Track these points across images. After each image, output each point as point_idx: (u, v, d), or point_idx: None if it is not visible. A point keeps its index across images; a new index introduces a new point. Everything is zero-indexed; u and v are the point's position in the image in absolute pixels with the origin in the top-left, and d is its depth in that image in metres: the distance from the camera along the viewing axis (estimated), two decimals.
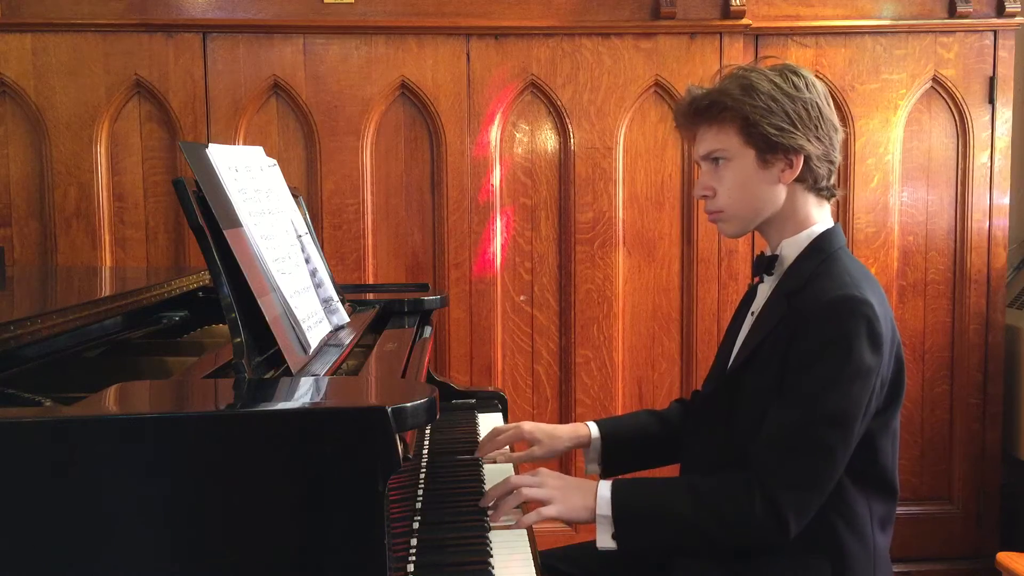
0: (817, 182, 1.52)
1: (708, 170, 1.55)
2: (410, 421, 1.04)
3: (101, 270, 2.63)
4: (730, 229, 1.58)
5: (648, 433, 1.78)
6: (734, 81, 1.51)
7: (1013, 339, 3.05)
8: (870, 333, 1.39)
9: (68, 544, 0.98)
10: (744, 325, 1.62)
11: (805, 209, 1.54)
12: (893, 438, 1.51)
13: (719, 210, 1.55)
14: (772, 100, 1.47)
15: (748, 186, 1.52)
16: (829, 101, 1.54)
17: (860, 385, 1.39)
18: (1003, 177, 2.99)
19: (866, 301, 1.40)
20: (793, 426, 1.39)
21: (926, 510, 3.08)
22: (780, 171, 1.50)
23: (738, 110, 1.48)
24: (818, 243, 1.52)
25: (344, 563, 1.02)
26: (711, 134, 1.53)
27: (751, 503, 1.37)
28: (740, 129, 1.49)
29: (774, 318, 1.49)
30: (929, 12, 2.93)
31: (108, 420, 1.02)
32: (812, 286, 1.47)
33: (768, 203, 1.53)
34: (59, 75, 2.70)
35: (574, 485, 1.49)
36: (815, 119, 1.49)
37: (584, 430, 1.77)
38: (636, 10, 2.82)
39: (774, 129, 1.47)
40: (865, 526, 1.48)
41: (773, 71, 1.52)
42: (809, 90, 1.51)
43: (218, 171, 1.36)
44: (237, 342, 1.21)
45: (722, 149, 1.52)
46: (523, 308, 2.87)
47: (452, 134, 2.80)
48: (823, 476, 1.40)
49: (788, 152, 1.49)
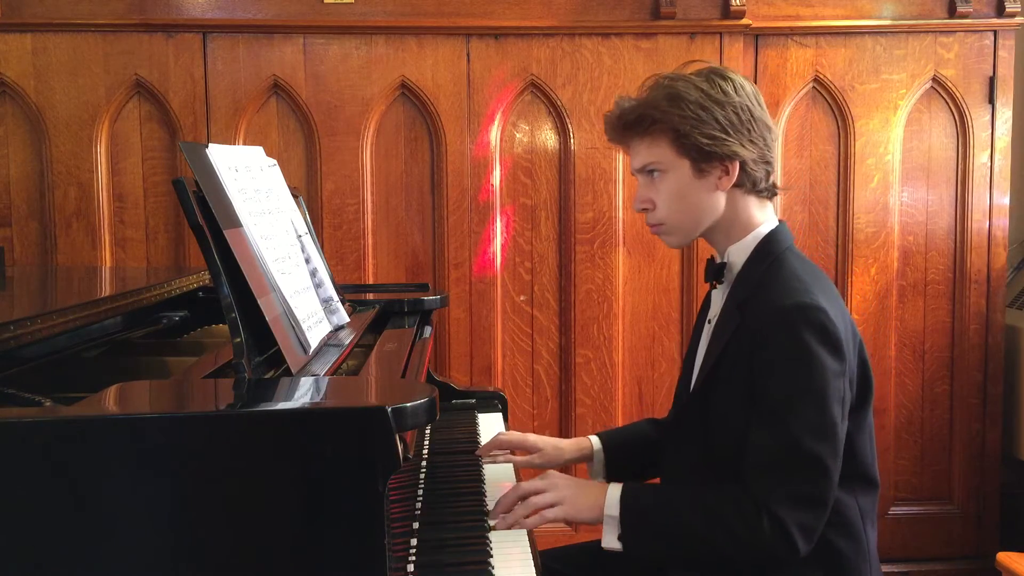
0: (756, 185, 1.51)
1: (645, 183, 1.54)
2: (410, 421, 1.04)
3: (101, 270, 2.63)
4: (673, 240, 1.57)
5: (650, 442, 1.78)
6: (660, 91, 1.49)
7: (1013, 339, 3.05)
8: (827, 338, 1.38)
9: (68, 544, 0.98)
10: (703, 334, 1.62)
11: (747, 212, 1.52)
12: (869, 433, 1.51)
13: (660, 223, 1.54)
14: (701, 109, 1.45)
15: (686, 196, 1.50)
16: (760, 101, 1.52)
17: (831, 391, 1.38)
18: (1003, 177, 2.99)
19: (817, 307, 1.39)
20: (780, 447, 1.37)
21: (926, 510, 3.07)
22: (717, 179, 1.49)
23: (667, 122, 1.47)
24: (764, 245, 1.51)
25: (344, 563, 1.02)
26: (644, 147, 1.52)
27: (760, 523, 1.36)
28: (672, 141, 1.48)
29: (729, 329, 1.48)
30: (929, 12, 2.93)
31: (108, 420, 1.02)
32: (762, 294, 1.45)
33: (708, 211, 1.51)
34: (59, 75, 2.70)
35: (583, 486, 1.49)
36: (747, 123, 1.47)
37: (587, 443, 1.77)
38: (636, 10, 2.82)
39: (706, 138, 1.45)
40: (855, 523, 1.48)
41: (699, 77, 1.49)
42: (738, 93, 1.48)
43: (218, 171, 1.36)
44: (237, 342, 1.21)
45: (656, 162, 1.50)
46: (523, 308, 2.87)
47: (452, 134, 2.80)
48: (822, 490, 1.38)
49: (723, 159, 1.47)
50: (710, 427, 1.49)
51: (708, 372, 1.49)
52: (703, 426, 1.51)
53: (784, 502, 1.36)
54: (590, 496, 1.46)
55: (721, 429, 1.47)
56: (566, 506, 1.45)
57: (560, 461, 1.76)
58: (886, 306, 2.99)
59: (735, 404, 1.44)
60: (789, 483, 1.37)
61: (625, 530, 1.42)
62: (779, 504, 1.36)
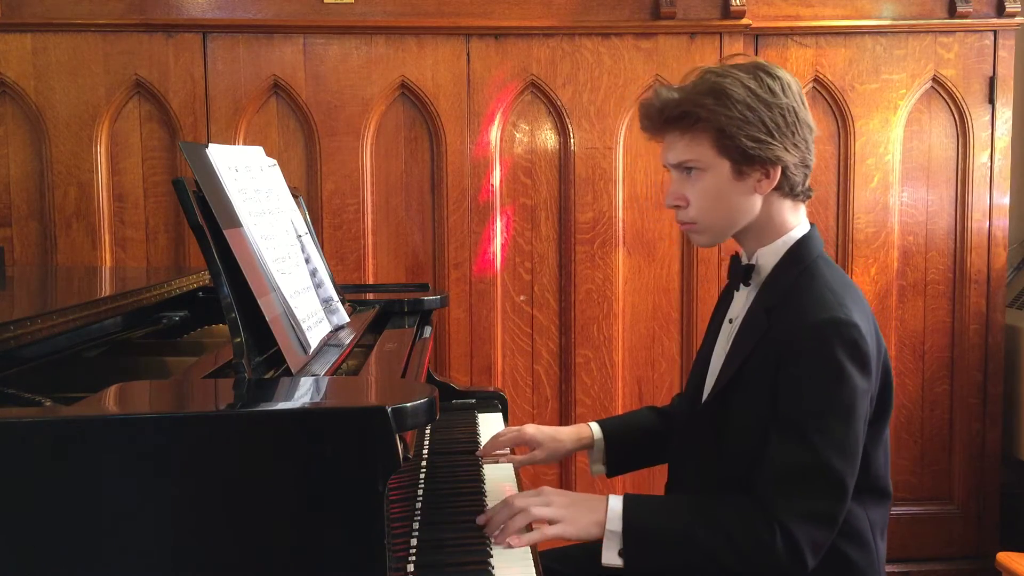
0: (793, 188, 1.47)
1: (679, 179, 1.49)
2: (410, 421, 1.04)
3: (101, 270, 2.63)
4: (703, 240, 1.52)
5: (651, 430, 1.77)
6: (706, 87, 1.42)
7: (1013, 339, 3.05)
8: (858, 355, 1.36)
9: (68, 544, 0.98)
10: (722, 332, 1.59)
11: (781, 216, 1.49)
12: (885, 446, 1.50)
13: (692, 221, 1.49)
14: (748, 109, 1.40)
15: (722, 197, 1.46)
16: (804, 100, 1.47)
17: (858, 408, 1.37)
18: (1003, 177, 2.99)
19: (852, 323, 1.36)
20: (803, 461, 1.35)
21: (926, 510, 3.08)
22: (756, 182, 1.44)
23: (712, 121, 1.41)
24: (796, 251, 1.47)
25: (344, 563, 1.02)
26: (683, 143, 1.46)
27: (772, 539, 1.33)
28: (714, 140, 1.42)
29: (755, 334, 1.45)
30: (929, 12, 2.93)
31: (108, 420, 1.02)
32: (794, 304, 1.42)
33: (744, 213, 1.47)
34: (59, 75, 2.70)
35: (581, 501, 1.43)
36: (792, 125, 1.42)
37: (587, 431, 1.75)
38: (636, 10, 2.82)
39: (751, 141, 1.40)
40: (866, 534, 1.47)
41: (746, 74, 1.42)
42: (785, 94, 1.43)
43: (218, 171, 1.36)
44: (237, 342, 1.21)
45: (695, 160, 1.45)
46: (523, 308, 2.87)
47: (452, 134, 2.80)
48: (838, 508, 1.37)
49: (765, 163, 1.42)
50: (726, 431, 1.47)
51: (732, 376, 1.46)
52: (718, 429, 1.48)
53: (800, 518, 1.34)
54: (590, 512, 1.40)
55: (737, 434, 1.45)
56: (566, 524, 1.40)
57: (562, 452, 1.74)
58: (886, 306, 2.99)
59: (754, 411, 1.42)
60: (808, 500, 1.35)
61: (627, 545, 1.38)
62: (795, 520, 1.34)
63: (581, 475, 2.90)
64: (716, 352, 1.58)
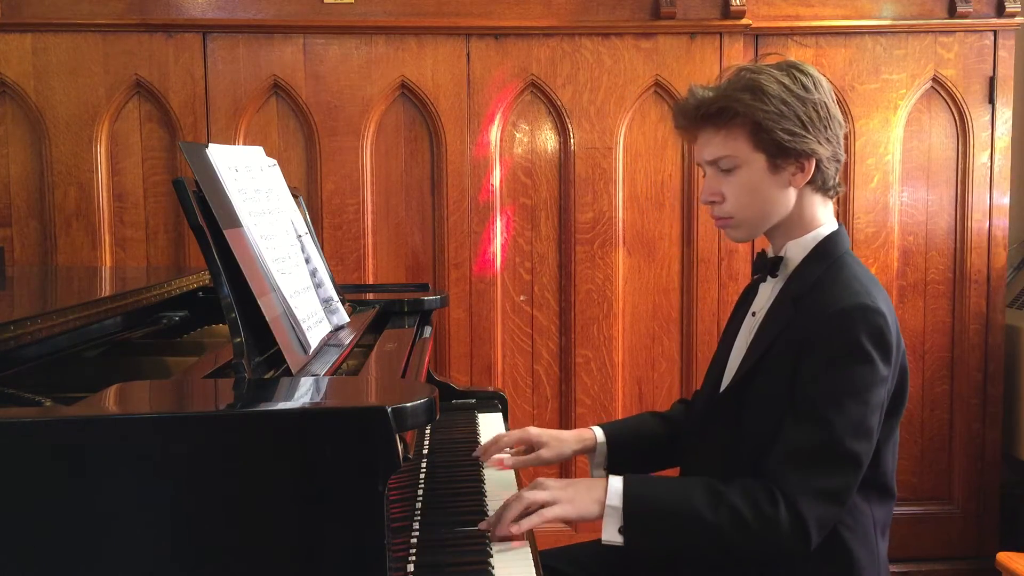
0: (826, 183, 1.51)
1: (714, 175, 1.52)
2: (410, 421, 1.04)
3: (101, 270, 2.63)
4: (739, 235, 1.55)
5: (653, 435, 1.77)
6: (742, 83, 1.46)
7: (1013, 339, 3.05)
8: (882, 344, 1.39)
9: (69, 544, 0.98)
10: (745, 325, 1.61)
11: (812, 211, 1.52)
12: (894, 444, 1.52)
13: (728, 216, 1.52)
14: (783, 104, 1.43)
15: (758, 192, 1.49)
16: (834, 97, 1.51)
17: (876, 394, 1.39)
18: (1003, 177, 2.99)
19: (878, 310, 1.39)
20: (818, 439, 1.36)
21: (926, 510, 3.08)
22: (791, 175, 1.48)
23: (749, 116, 1.44)
24: (824, 246, 1.51)
25: (344, 563, 1.02)
26: (718, 139, 1.49)
27: (777, 513, 1.34)
28: (750, 135, 1.46)
29: (780, 322, 1.47)
30: (929, 12, 2.93)
31: (108, 420, 1.02)
32: (821, 292, 1.45)
33: (779, 208, 1.50)
34: (59, 75, 2.70)
35: (578, 482, 1.44)
36: (824, 119, 1.47)
37: (589, 434, 1.75)
38: (636, 10, 2.82)
39: (786, 135, 1.44)
40: (869, 532, 1.48)
41: (780, 71, 1.47)
42: (817, 89, 1.47)
43: (218, 171, 1.36)
44: (237, 342, 1.21)
45: (731, 156, 1.48)
46: (523, 308, 2.87)
47: (452, 134, 2.80)
48: (849, 487, 1.38)
49: (800, 156, 1.46)
50: (745, 419, 1.48)
51: (755, 361, 1.48)
52: (737, 417, 1.49)
53: (810, 495, 1.35)
54: (589, 491, 1.41)
55: (756, 422, 1.46)
56: (565, 504, 1.39)
57: (566, 453, 1.74)
58: None
59: (774, 399, 1.43)
60: (820, 478, 1.36)
61: (628, 520, 1.38)
62: (804, 497, 1.35)
63: (581, 475, 2.90)
64: (737, 345, 1.60)
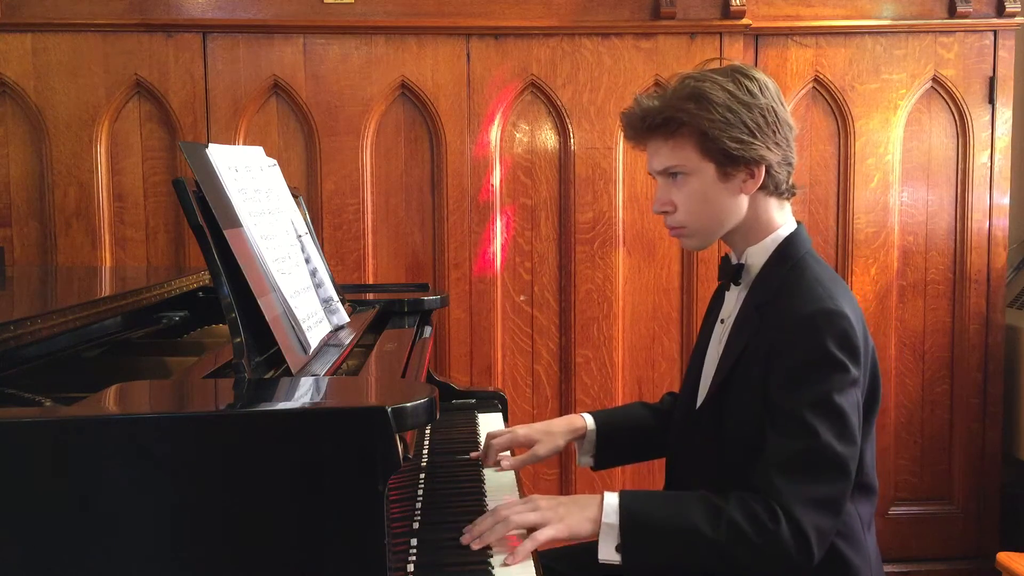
0: (778, 187, 1.50)
1: (665, 185, 1.51)
2: (410, 421, 1.04)
3: (101, 270, 2.63)
4: (693, 243, 1.55)
5: (642, 425, 1.77)
6: (686, 92, 1.45)
7: (1013, 339, 3.05)
8: (848, 346, 1.38)
9: (68, 544, 0.98)
10: (715, 333, 1.60)
11: (767, 214, 1.51)
12: (872, 441, 1.51)
13: (681, 225, 1.52)
14: (729, 111, 1.42)
15: (709, 200, 1.48)
16: (782, 100, 1.49)
17: (851, 396, 1.38)
18: (1003, 177, 2.99)
19: (841, 313, 1.38)
20: (804, 448, 1.35)
21: (926, 510, 3.07)
22: (742, 182, 1.47)
23: (695, 125, 1.44)
24: (784, 248, 1.50)
25: (344, 563, 1.02)
26: (667, 149, 1.48)
27: (778, 527, 1.33)
28: (697, 144, 1.45)
29: (748, 331, 1.47)
30: (929, 12, 2.93)
31: (108, 420, 1.02)
32: (784, 300, 1.44)
33: (731, 214, 1.50)
34: (59, 75, 2.70)
35: (569, 501, 1.41)
36: (772, 124, 1.45)
37: (579, 422, 1.75)
38: (636, 10, 2.82)
39: (734, 142, 1.43)
40: (856, 531, 1.48)
41: (725, 77, 1.45)
42: (763, 94, 1.45)
43: (218, 171, 1.36)
44: (237, 342, 1.21)
45: (680, 165, 1.48)
46: (523, 308, 2.87)
47: (452, 134, 2.80)
48: (842, 494, 1.37)
49: (749, 163, 1.45)
50: (723, 431, 1.48)
51: (725, 375, 1.47)
52: (716, 430, 1.49)
53: (806, 505, 1.34)
54: (580, 509, 1.38)
55: (735, 433, 1.46)
56: (556, 524, 1.36)
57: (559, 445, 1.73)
58: (886, 306, 2.99)
59: (750, 406, 1.43)
60: (812, 487, 1.35)
61: (625, 538, 1.36)
62: (800, 507, 1.34)
63: (581, 474, 2.90)
64: (709, 354, 1.60)
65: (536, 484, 2.90)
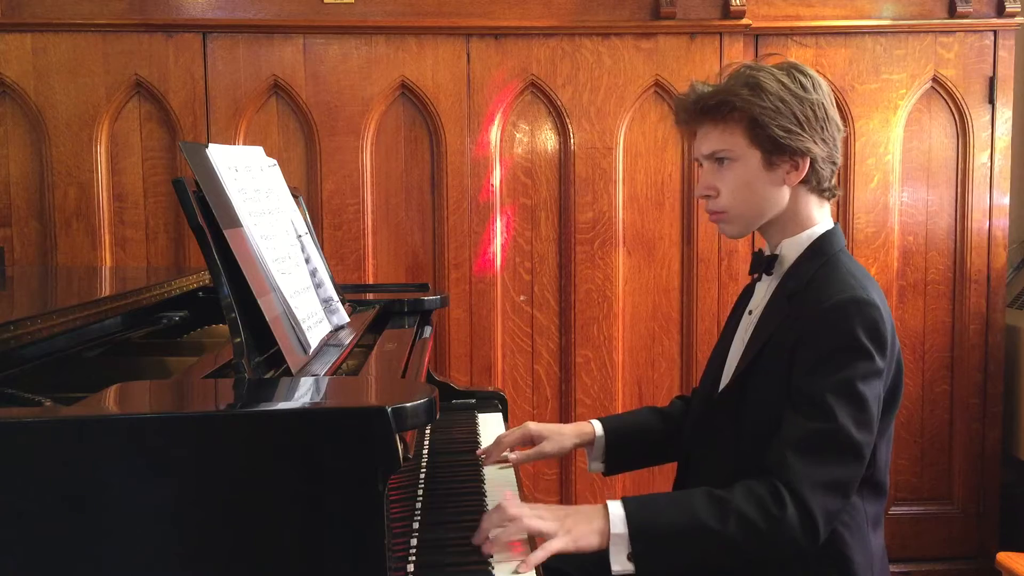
0: (820, 183, 1.52)
1: (710, 169, 1.54)
2: (410, 421, 1.04)
3: (101, 270, 2.63)
4: (732, 230, 1.57)
5: (651, 430, 1.78)
6: (741, 80, 1.48)
7: (1013, 339, 3.05)
8: (877, 336, 1.39)
9: (68, 544, 0.98)
10: (741, 325, 1.62)
11: (807, 210, 1.54)
12: (888, 440, 1.51)
13: (722, 211, 1.54)
14: (781, 101, 1.46)
15: (753, 187, 1.51)
16: (833, 101, 1.53)
17: (874, 386, 1.39)
18: (1003, 177, 2.99)
19: (873, 303, 1.40)
20: (820, 429, 1.36)
21: (926, 510, 3.08)
22: (786, 173, 1.50)
23: (746, 111, 1.47)
24: (819, 244, 1.52)
25: (344, 563, 1.02)
26: (716, 133, 1.51)
27: (783, 509, 1.34)
28: (747, 130, 1.48)
29: (776, 319, 1.48)
30: (929, 12, 2.93)
31: (108, 420, 1.02)
32: (815, 288, 1.46)
33: (772, 204, 1.52)
34: (59, 75, 2.70)
35: (574, 512, 1.40)
36: (821, 120, 1.48)
37: (588, 428, 1.76)
38: (636, 10, 2.82)
39: (782, 131, 1.46)
40: (862, 527, 1.48)
41: (780, 70, 1.49)
42: (816, 91, 1.49)
43: (218, 171, 1.36)
44: (237, 342, 1.21)
45: (727, 149, 1.50)
46: (523, 308, 2.87)
47: (452, 134, 2.80)
48: (853, 478, 1.39)
49: (795, 154, 1.48)
50: (743, 418, 1.48)
51: (752, 359, 1.49)
52: (736, 417, 1.50)
53: (815, 485, 1.35)
54: (587, 521, 1.37)
55: (755, 420, 1.46)
56: (563, 536, 1.36)
57: (566, 446, 1.74)
58: None
59: (772, 395, 1.44)
60: (824, 468, 1.36)
61: (636, 546, 1.35)
62: (809, 487, 1.34)
63: (581, 475, 2.90)
64: (734, 345, 1.61)
65: (536, 484, 2.90)
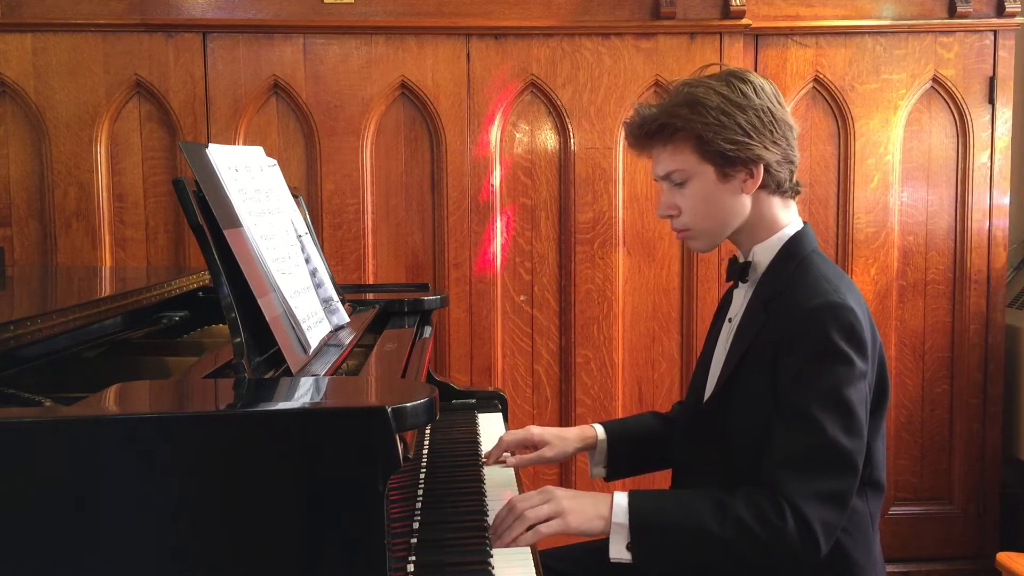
0: (780, 185, 1.52)
1: (668, 189, 1.54)
2: (410, 421, 1.04)
3: (101, 270, 2.63)
4: (699, 245, 1.57)
5: (653, 435, 1.78)
6: (679, 98, 1.48)
7: (1013, 339, 3.05)
8: (855, 339, 1.39)
9: (68, 544, 0.98)
10: (722, 333, 1.62)
11: (772, 213, 1.53)
12: (882, 437, 1.52)
13: (685, 228, 1.55)
14: (723, 114, 1.45)
15: (711, 201, 1.51)
16: (780, 100, 1.51)
17: (858, 390, 1.39)
18: (1003, 177, 2.99)
19: (847, 306, 1.40)
20: (811, 442, 1.36)
21: (926, 510, 3.08)
22: (742, 182, 1.49)
23: (690, 129, 1.47)
24: (790, 246, 1.52)
25: (344, 563, 1.02)
26: (666, 155, 1.51)
27: (784, 522, 1.34)
28: (695, 147, 1.48)
29: (754, 327, 1.48)
30: (929, 12, 2.93)
31: (108, 420, 1.02)
32: (791, 293, 1.46)
33: (734, 215, 1.52)
34: (59, 75, 2.70)
35: (583, 496, 1.44)
36: (768, 124, 1.47)
37: (591, 432, 1.76)
38: (636, 10, 2.82)
39: (729, 144, 1.45)
40: (866, 528, 1.48)
41: (719, 81, 1.49)
42: (758, 96, 1.48)
43: (218, 171, 1.36)
44: (237, 342, 1.21)
45: (680, 170, 1.51)
46: (523, 308, 2.87)
47: (452, 134, 2.80)
48: (849, 488, 1.38)
49: (747, 163, 1.47)
50: (729, 428, 1.49)
51: (732, 370, 1.49)
52: (722, 426, 1.50)
53: (812, 499, 1.35)
54: (594, 506, 1.41)
55: (740, 429, 1.47)
56: (567, 517, 1.40)
57: (569, 451, 1.75)
58: (886, 306, 2.99)
59: (756, 405, 1.44)
60: (819, 480, 1.36)
61: (635, 537, 1.38)
62: (806, 501, 1.35)
63: (581, 476, 2.90)
64: (717, 353, 1.61)
65: (536, 484, 2.90)
